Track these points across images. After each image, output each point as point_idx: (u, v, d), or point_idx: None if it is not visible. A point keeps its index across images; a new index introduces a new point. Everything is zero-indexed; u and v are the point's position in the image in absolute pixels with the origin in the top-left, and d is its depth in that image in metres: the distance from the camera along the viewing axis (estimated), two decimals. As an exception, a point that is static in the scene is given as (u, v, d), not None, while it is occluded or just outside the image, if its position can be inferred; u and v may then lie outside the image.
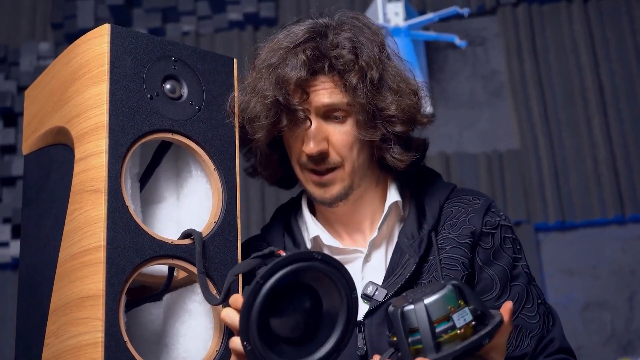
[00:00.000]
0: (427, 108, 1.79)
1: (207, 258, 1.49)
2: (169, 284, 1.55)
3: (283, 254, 1.33)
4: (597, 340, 3.95)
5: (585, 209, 4.11)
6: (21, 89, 4.58)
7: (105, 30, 1.50)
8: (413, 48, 4.16)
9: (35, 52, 4.69)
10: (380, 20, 4.09)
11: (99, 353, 1.35)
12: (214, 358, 1.48)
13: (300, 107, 1.66)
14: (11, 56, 4.72)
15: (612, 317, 3.99)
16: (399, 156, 1.73)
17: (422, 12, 4.42)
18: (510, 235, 1.77)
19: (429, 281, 1.66)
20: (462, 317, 1.35)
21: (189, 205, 1.61)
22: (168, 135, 1.52)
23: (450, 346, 1.34)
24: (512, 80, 4.34)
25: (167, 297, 1.60)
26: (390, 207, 1.76)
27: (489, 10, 4.49)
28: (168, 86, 1.54)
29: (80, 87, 1.50)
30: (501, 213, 1.80)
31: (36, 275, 1.58)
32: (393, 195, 1.77)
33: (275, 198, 4.28)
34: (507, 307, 1.43)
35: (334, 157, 1.70)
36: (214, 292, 1.49)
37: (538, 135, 4.23)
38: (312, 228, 1.78)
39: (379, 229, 1.74)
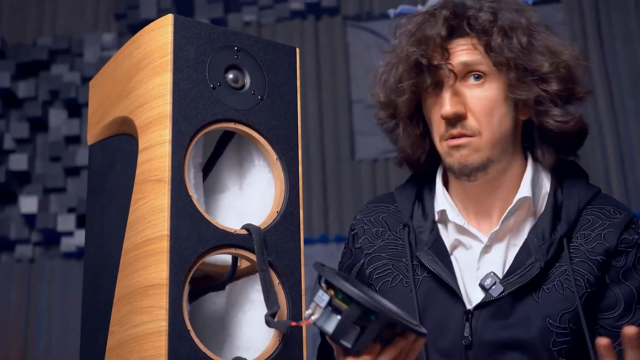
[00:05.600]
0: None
1: (269, 248, 1.49)
2: (234, 274, 1.56)
3: None
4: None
5: (653, 199, 4.05)
6: (85, 79, 4.63)
7: (168, 20, 1.50)
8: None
9: (99, 43, 4.74)
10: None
11: (162, 342, 1.36)
12: (277, 347, 1.47)
13: (442, 63, 1.66)
14: (75, 47, 4.77)
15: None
16: (562, 117, 1.67)
17: (486, 0, 4.37)
18: None
19: (548, 288, 1.63)
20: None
21: (251, 195, 1.61)
22: (231, 125, 1.52)
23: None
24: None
25: (229, 287, 1.60)
26: (519, 201, 1.69)
27: (554, -3, 4.43)
28: (231, 76, 1.54)
29: (144, 77, 1.51)
30: None
31: (101, 264, 1.59)
32: (525, 190, 1.69)
33: (336, 188, 4.28)
34: (627, 332, 1.36)
35: (471, 123, 1.66)
36: (276, 282, 1.49)
37: (603, 124, 4.16)
38: (441, 201, 1.75)
39: (502, 222, 1.69)
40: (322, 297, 1.34)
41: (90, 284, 1.63)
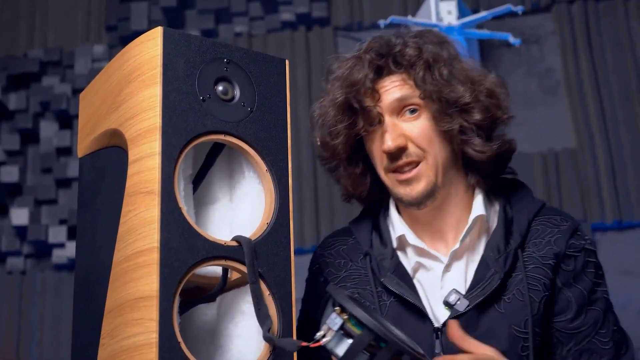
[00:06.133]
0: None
1: (259, 260, 1.49)
2: (224, 285, 1.56)
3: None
4: (655, 341, 3.90)
5: (643, 208, 4.06)
6: (76, 91, 4.64)
7: (157, 33, 1.51)
8: (467, 47, 4.13)
9: (90, 54, 4.75)
10: (433, 19, 4.08)
11: (153, 353, 1.36)
12: (268, 359, 1.47)
13: (372, 105, 1.74)
14: (66, 59, 4.78)
15: (671, 318, 3.93)
16: (480, 147, 1.74)
17: (476, 11, 4.39)
18: (594, 260, 1.76)
19: (509, 298, 1.70)
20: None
21: (241, 207, 1.61)
22: (220, 137, 1.53)
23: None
24: (568, 78, 4.29)
25: (220, 298, 1.60)
26: (475, 219, 1.76)
27: (544, 7, 4.45)
28: (220, 88, 1.54)
29: (134, 89, 1.51)
30: (587, 237, 1.79)
31: (92, 276, 1.59)
32: (478, 209, 1.77)
33: (328, 199, 4.28)
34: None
35: (414, 150, 1.73)
36: (267, 293, 1.49)
37: (594, 133, 4.18)
38: (398, 227, 1.81)
39: (462, 241, 1.76)
40: (335, 321, 1.36)
41: (81, 296, 1.63)
